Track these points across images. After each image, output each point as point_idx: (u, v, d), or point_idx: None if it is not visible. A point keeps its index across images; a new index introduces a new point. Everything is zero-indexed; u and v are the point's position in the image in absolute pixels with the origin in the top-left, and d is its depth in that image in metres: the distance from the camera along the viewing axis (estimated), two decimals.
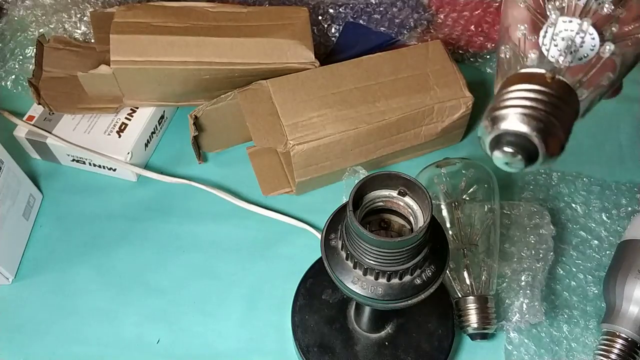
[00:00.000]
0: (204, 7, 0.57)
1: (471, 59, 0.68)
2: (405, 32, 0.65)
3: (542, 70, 0.25)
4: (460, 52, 0.67)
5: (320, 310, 0.47)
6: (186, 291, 0.52)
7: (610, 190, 0.58)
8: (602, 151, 0.62)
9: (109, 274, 0.53)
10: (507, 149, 0.24)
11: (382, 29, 0.65)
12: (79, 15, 0.66)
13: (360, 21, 0.66)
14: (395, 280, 0.32)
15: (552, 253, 0.50)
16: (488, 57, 0.68)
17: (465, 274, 0.48)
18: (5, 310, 0.50)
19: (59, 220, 0.56)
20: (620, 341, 0.46)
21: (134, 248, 0.54)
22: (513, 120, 0.24)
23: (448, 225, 0.50)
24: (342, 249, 0.33)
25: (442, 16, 0.68)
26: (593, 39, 0.27)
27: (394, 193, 0.33)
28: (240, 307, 0.51)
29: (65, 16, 0.66)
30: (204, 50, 0.53)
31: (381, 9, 0.67)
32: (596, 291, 0.51)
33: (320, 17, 0.66)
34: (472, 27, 0.67)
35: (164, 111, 0.61)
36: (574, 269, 0.53)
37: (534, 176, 0.59)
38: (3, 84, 0.65)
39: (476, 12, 0.67)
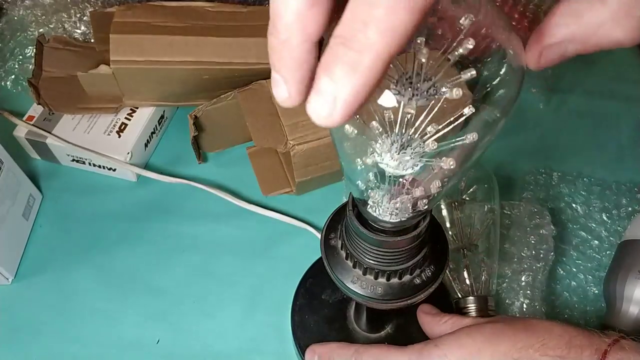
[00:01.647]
0: (204, 6, 0.56)
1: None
2: None
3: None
4: None
5: (320, 310, 0.47)
6: (186, 291, 0.52)
7: (610, 190, 0.58)
8: (602, 151, 0.62)
9: (108, 274, 0.52)
10: None
11: None
12: (78, 15, 0.66)
13: None
14: (394, 280, 0.32)
15: (552, 253, 0.50)
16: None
17: (465, 274, 0.48)
18: (5, 310, 0.50)
19: (59, 220, 0.56)
20: None
21: (134, 248, 0.54)
22: None
23: (448, 225, 0.50)
24: (341, 249, 0.33)
25: None
26: None
27: None
28: (240, 307, 0.51)
29: (65, 16, 0.66)
30: (204, 50, 0.53)
31: None
32: (596, 291, 0.51)
33: None
34: None
35: (163, 111, 0.61)
36: (574, 269, 0.53)
37: (534, 176, 0.59)
38: (3, 83, 0.65)
39: None
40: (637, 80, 0.69)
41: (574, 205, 0.57)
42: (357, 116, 0.24)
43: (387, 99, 0.22)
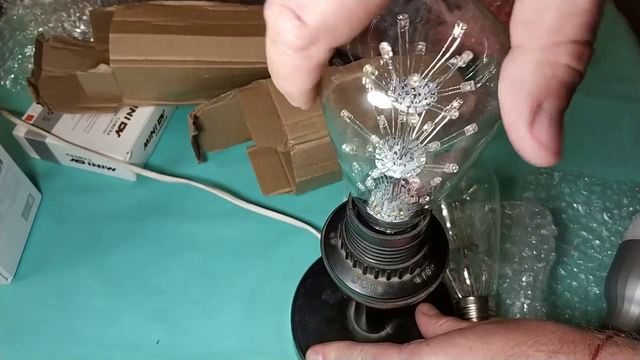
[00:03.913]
0: (204, 5, 0.56)
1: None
2: None
3: None
4: None
5: (319, 310, 0.46)
6: (186, 291, 0.51)
7: (611, 190, 0.57)
8: (603, 151, 0.62)
9: (108, 273, 0.52)
10: None
11: None
12: (78, 14, 0.66)
13: None
14: (395, 279, 0.32)
15: (553, 253, 0.50)
16: None
17: (466, 274, 0.48)
18: (4, 310, 0.50)
19: (58, 220, 0.56)
20: None
21: (134, 248, 0.54)
22: None
23: (448, 225, 0.50)
24: (341, 248, 0.33)
25: None
26: None
27: None
28: (240, 307, 0.50)
29: (65, 15, 0.66)
30: (204, 49, 0.53)
31: None
32: (597, 292, 0.51)
33: None
34: None
35: (163, 110, 0.61)
36: (575, 270, 0.53)
37: (535, 176, 0.58)
38: (2, 83, 0.65)
39: None
40: (637, 80, 0.69)
41: (575, 205, 0.57)
42: (357, 126, 0.24)
43: (380, 100, 0.22)
